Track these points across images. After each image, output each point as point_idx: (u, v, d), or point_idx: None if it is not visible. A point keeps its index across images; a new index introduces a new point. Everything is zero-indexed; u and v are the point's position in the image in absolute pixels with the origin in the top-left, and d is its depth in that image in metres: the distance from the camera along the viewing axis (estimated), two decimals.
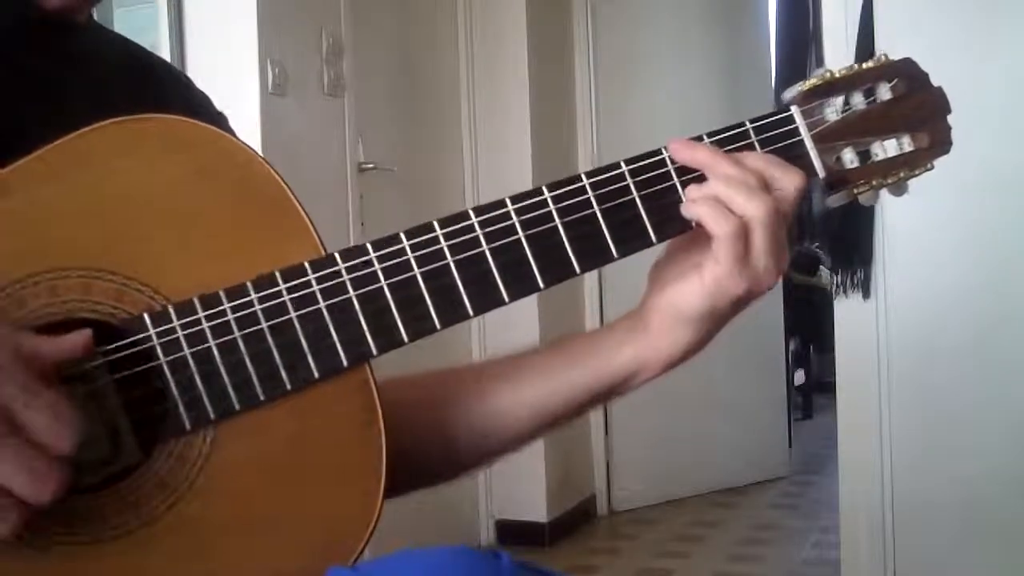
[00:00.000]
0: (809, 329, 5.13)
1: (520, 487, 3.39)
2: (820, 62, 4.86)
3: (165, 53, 2.41)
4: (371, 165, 2.91)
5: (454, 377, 0.87)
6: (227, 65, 2.48)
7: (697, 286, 0.74)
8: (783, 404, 4.29)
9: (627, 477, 3.82)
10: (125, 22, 2.51)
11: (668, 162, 0.74)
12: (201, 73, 0.96)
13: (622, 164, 0.74)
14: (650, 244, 0.74)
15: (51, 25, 0.80)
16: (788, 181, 0.74)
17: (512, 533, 3.45)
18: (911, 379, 2.70)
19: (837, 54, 2.76)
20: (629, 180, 0.73)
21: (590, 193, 0.73)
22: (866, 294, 2.72)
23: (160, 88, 0.88)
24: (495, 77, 3.44)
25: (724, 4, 4.12)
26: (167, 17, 2.51)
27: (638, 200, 0.73)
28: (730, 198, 0.72)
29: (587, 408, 0.83)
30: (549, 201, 0.72)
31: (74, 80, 0.80)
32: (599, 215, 0.73)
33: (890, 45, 2.89)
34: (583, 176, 0.73)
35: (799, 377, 5.20)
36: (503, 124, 3.43)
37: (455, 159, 3.44)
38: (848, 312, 2.77)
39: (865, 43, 2.63)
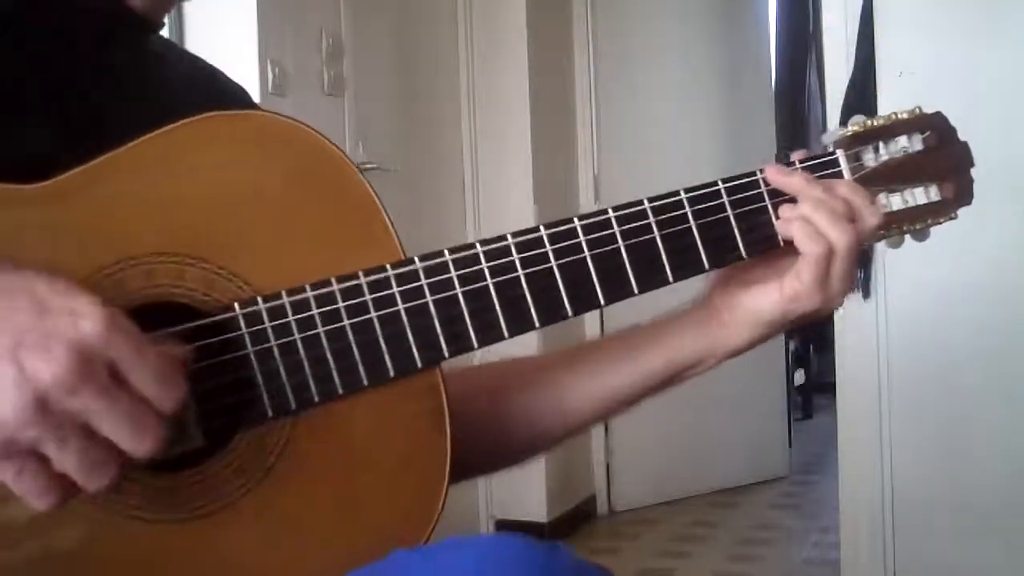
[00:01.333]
0: (809, 329, 5.13)
1: (520, 487, 3.39)
2: (820, 63, 4.86)
3: None
4: (371, 165, 2.90)
5: (512, 368, 0.90)
6: (227, 65, 2.47)
7: (776, 295, 0.80)
8: (783, 404, 4.29)
9: (627, 477, 3.82)
10: None
11: (761, 184, 0.80)
12: None
13: (719, 183, 0.79)
14: (741, 259, 0.80)
15: (134, 24, 0.83)
16: (869, 215, 0.80)
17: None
18: (911, 379, 2.70)
19: (837, 55, 2.76)
20: (725, 198, 0.79)
21: (687, 208, 0.78)
22: (866, 294, 2.72)
23: (225, 95, 0.92)
24: (495, 77, 3.44)
25: (724, 4, 4.12)
26: (167, 17, 2.51)
27: (732, 218, 0.79)
28: (819, 222, 0.78)
29: (651, 394, 0.88)
30: (649, 213, 0.77)
31: (156, 79, 0.83)
32: (695, 230, 0.78)
33: (889, 45, 2.89)
34: (681, 191, 0.79)
35: (799, 377, 5.19)
36: (503, 124, 3.42)
37: (455, 159, 3.44)
38: (848, 312, 2.77)
39: (865, 43, 2.64)
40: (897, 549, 2.73)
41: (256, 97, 2.45)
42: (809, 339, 5.26)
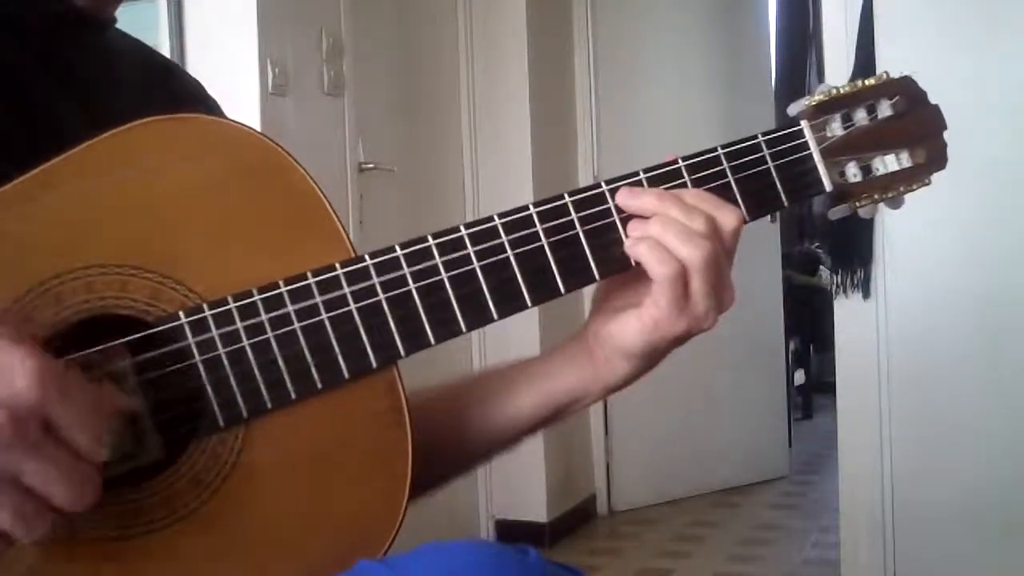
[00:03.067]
0: (809, 329, 5.13)
1: (520, 487, 3.39)
2: (820, 63, 4.87)
3: (165, 53, 2.41)
4: (371, 165, 2.91)
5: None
6: (227, 65, 2.48)
7: (636, 325, 0.75)
8: (783, 404, 4.29)
9: (627, 477, 3.82)
10: (124, 21, 2.51)
11: (608, 198, 0.75)
12: (201, 73, 0.96)
13: (566, 196, 0.74)
14: (595, 280, 0.74)
15: (82, 22, 0.81)
16: (724, 220, 0.74)
17: (512, 533, 3.45)
18: (911, 379, 2.70)
19: (837, 55, 2.76)
20: (573, 214, 0.74)
21: (537, 225, 0.72)
22: (866, 294, 2.73)
23: (179, 91, 0.90)
24: (495, 77, 3.44)
25: (724, 5, 4.12)
26: (167, 17, 2.51)
27: (582, 236, 0.74)
28: (668, 240, 0.72)
29: (527, 435, 0.84)
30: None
31: (105, 77, 0.82)
32: (547, 248, 0.73)
33: (890, 45, 2.88)
34: (531, 206, 0.73)
35: (799, 377, 5.20)
36: (503, 124, 3.42)
37: (455, 159, 3.44)
38: (848, 312, 2.77)
39: (865, 43, 2.64)
40: (897, 549, 2.73)
41: (256, 97, 2.45)
42: (809, 339, 5.27)
